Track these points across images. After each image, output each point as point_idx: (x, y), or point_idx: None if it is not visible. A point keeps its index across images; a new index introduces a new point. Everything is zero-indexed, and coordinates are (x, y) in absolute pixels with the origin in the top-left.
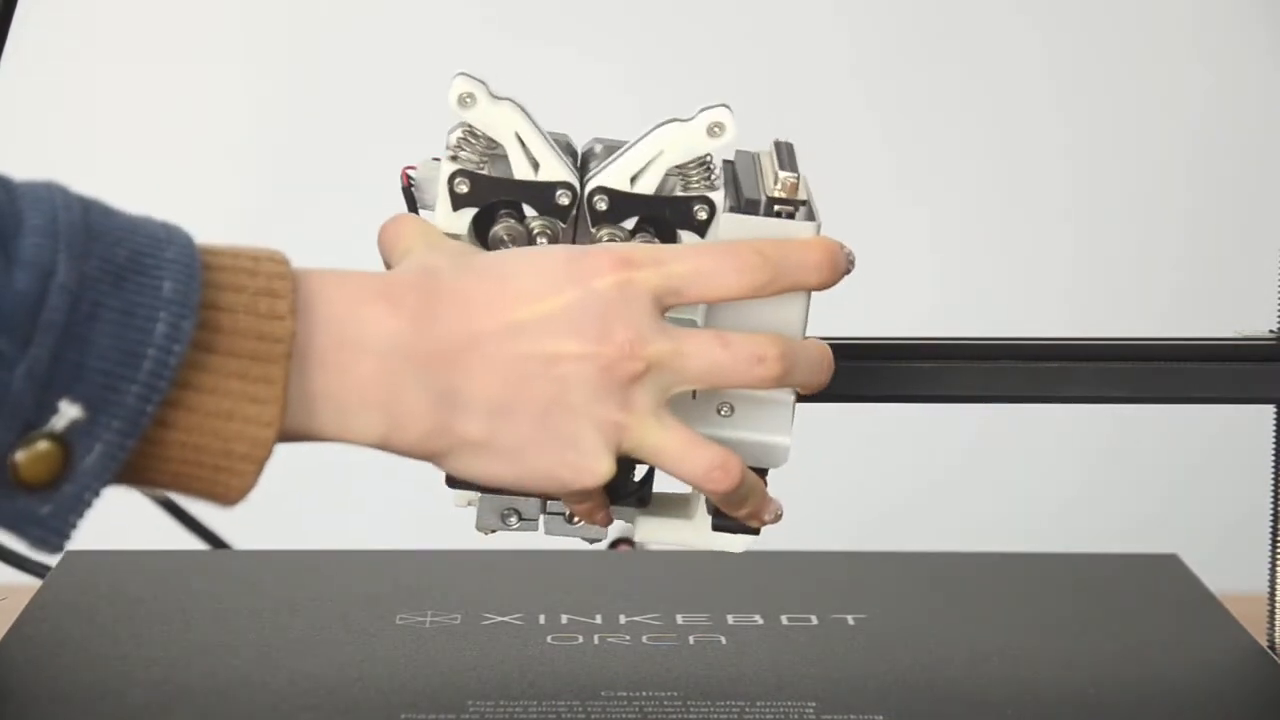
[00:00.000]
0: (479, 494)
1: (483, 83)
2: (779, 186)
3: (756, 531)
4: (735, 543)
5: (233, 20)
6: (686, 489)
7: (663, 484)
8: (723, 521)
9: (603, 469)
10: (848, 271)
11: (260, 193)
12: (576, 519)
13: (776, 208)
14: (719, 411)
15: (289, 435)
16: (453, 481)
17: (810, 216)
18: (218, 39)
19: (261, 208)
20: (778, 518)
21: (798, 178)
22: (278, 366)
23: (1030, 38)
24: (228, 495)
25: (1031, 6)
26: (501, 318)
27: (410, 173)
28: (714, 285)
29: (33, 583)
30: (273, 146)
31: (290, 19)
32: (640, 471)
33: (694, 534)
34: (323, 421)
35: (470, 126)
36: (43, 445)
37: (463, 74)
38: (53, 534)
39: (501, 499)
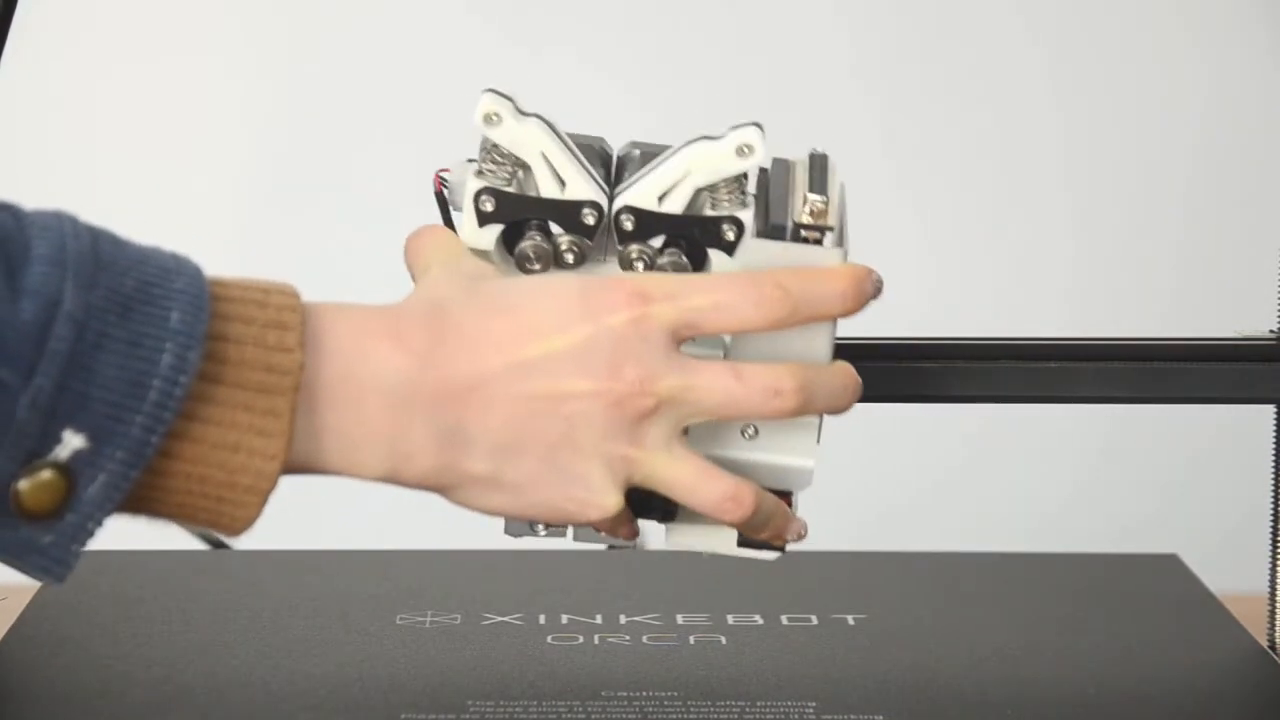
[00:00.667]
0: None
1: (510, 99)
2: (807, 210)
3: (781, 549)
4: (764, 552)
5: (234, 23)
6: None
7: None
8: (747, 540)
9: (610, 504)
10: (875, 296)
11: (260, 195)
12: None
13: (803, 233)
14: (743, 434)
15: (294, 468)
16: None
17: (838, 242)
18: (219, 41)
19: (261, 209)
20: (800, 537)
21: (826, 201)
22: (285, 399)
23: (1029, 38)
24: (232, 526)
25: (1031, 7)
26: (509, 356)
27: (444, 175)
28: (732, 319)
29: (33, 583)
30: (273, 149)
31: (290, 20)
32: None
33: (724, 542)
34: (328, 456)
35: (496, 147)
36: (46, 474)
37: (490, 90)
38: (55, 563)
39: None
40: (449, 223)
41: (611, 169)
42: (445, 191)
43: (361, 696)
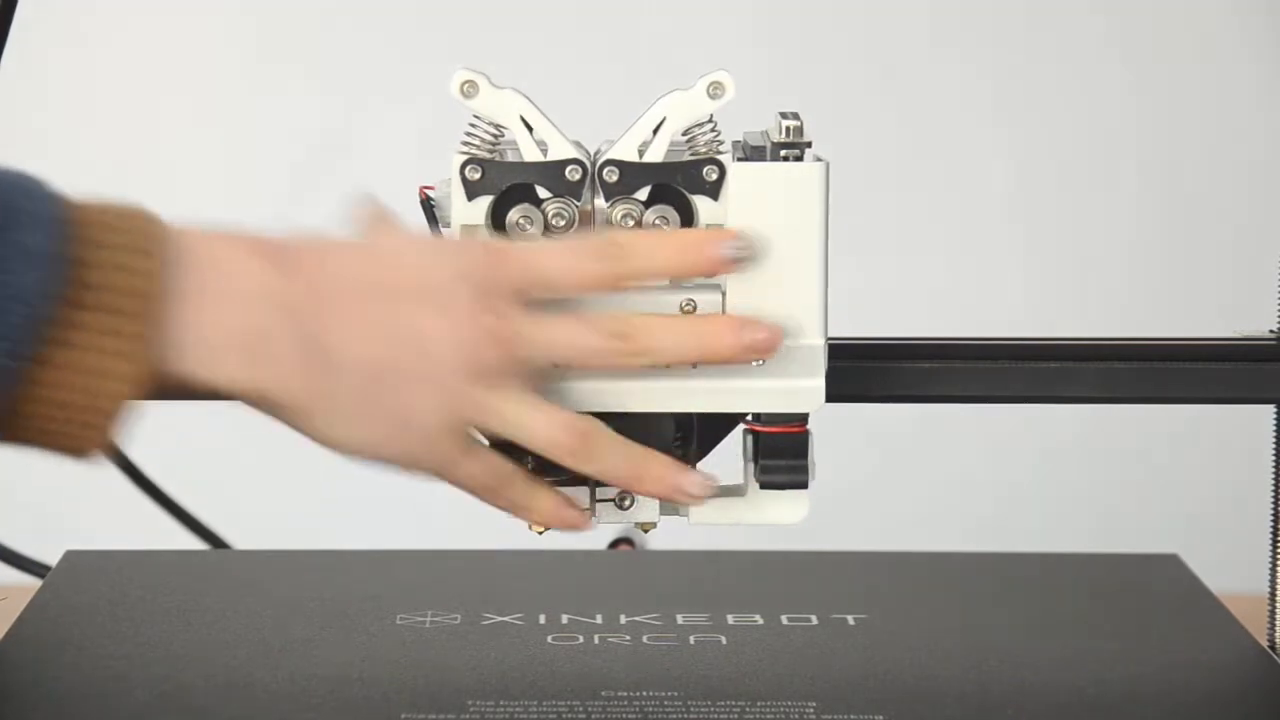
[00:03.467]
0: None
1: (483, 74)
2: (783, 132)
3: (804, 485)
4: (788, 514)
5: (234, 26)
6: (739, 481)
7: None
8: (769, 478)
9: (450, 447)
10: (737, 261)
11: (259, 200)
12: (627, 502)
13: (783, 152)
14: (752, 363)
15: (164, 387)
16: None
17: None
18: (219, 42)
19: (258, 214)
20: (698, 494)
21: (801, 121)
22: (142, 321)
23: (1034, 38)
24: (89, 447)
25: (1033, 7)
26: (369, 280)
27: (429, 192)
28: (572, 278)
29: (33, 583)
30: (270, 152)
31: (286, 23)
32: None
33: (747, 510)
34: (195, 366)
35: (475, 120)
36: None
37: (463, 67)
38: None
39: None
40: (437, 233)
41: (589, 158)
42: (431, 203)
43: (361, 696)
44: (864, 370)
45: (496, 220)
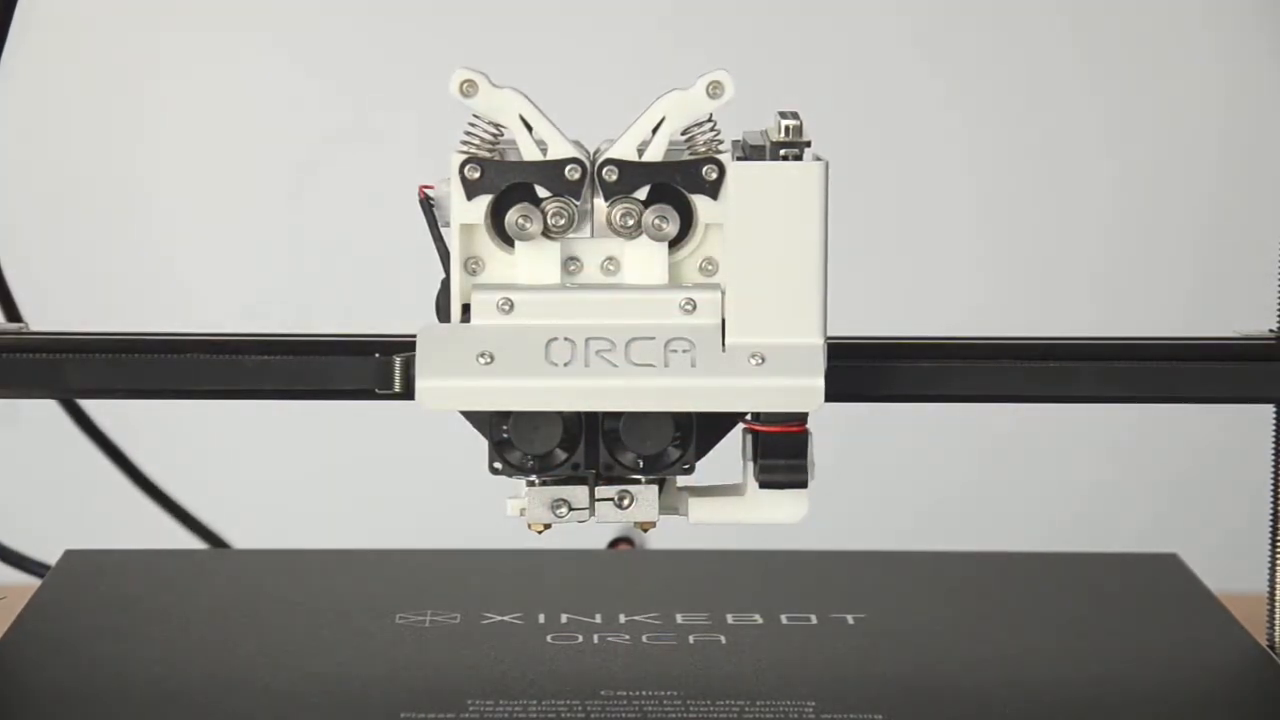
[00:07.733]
0: (527, 494)
1: (483, 73)
2: (782, 131)
3: (804, 484)
4: (788, 513)
5: (232, 25)
6: (737, 480)
7: (713, 477)
8: (768, 477)
9: None
10: None
11: (259, 199)
12: (626, 502)
13: (783, 151)
14: (751, 360)
15: None
16: (496, 469)
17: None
18: (217, 40)
19: (258, 213)
20: None
21: (801, 121)
22: None
23: (1022, 41)
24: None
25: (1026, 6)
26: None
27: (429, 192)
28: None
29: (32, 582)
30: (269, 152)
31: (285, 21)
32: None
33: (746, 510)
34: None
35: (474, 120)
36: None
37: (462, 66)
38: None
39: (549, 490)
40: (436, 233)
41: (590, 157)
42: (431, 203)
43: (361, 696)
44: (864, 370)
45: (496, 220)
